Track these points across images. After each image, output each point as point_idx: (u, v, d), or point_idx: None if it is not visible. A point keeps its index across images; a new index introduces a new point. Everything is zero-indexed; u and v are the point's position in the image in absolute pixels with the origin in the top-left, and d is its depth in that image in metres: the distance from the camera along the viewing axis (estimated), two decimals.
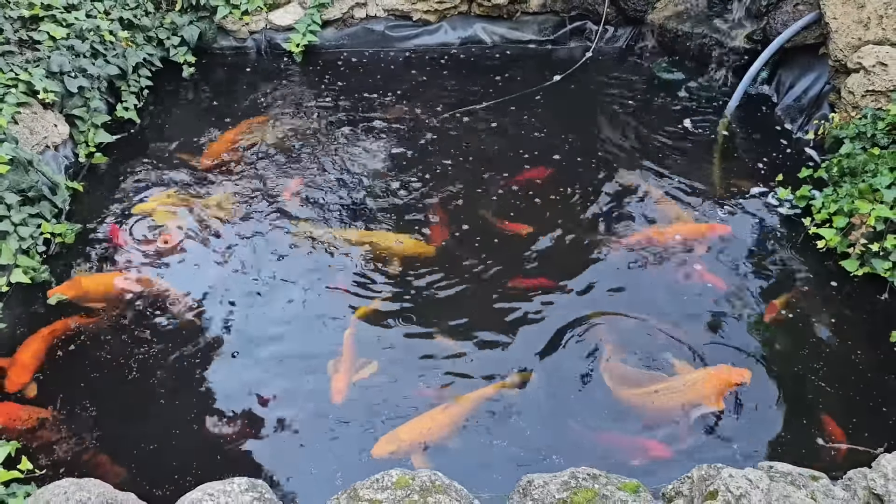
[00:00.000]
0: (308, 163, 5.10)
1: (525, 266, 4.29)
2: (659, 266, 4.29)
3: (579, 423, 3.45)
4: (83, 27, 5.10)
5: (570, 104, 5.79)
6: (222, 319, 3.96)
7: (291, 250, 4.40)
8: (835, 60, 5.10)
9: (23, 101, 4.53)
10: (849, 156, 4.53)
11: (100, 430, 3.41)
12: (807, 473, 2.62)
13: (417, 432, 3.31)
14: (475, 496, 2.58)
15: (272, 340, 3.85)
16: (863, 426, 3.43)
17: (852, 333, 3.88)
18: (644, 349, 3.78)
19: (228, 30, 6.28)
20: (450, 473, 2.56)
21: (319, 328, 3.92)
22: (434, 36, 6.55)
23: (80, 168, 4.96)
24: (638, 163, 5.12)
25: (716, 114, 5.63)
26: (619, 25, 6.53)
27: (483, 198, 4.80)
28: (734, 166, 5.13)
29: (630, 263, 4.32)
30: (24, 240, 4.09)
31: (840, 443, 3.36)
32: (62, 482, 2.62)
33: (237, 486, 2.48)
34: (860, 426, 3.42)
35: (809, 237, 4.40)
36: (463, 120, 5.56)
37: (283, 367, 3.72)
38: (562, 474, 2.60)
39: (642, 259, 4.34)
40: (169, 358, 3.75)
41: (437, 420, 3.39)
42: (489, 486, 3.07)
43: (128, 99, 5.44)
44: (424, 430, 3.33)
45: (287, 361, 3.75)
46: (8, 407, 3.44)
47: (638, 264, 4.31)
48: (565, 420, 3.48)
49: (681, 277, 4.22)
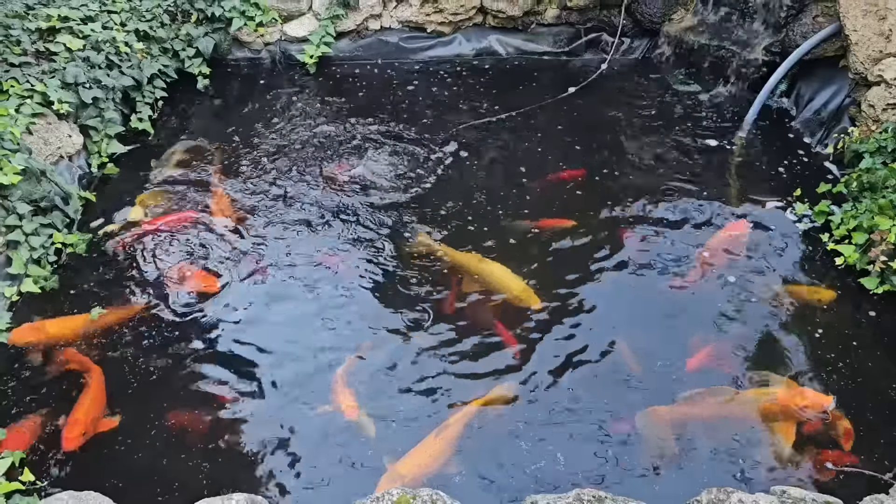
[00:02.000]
0: (321, 172, 5.09)
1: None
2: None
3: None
4: (99, 39, 5.14)
5: (585, 116, 5.74)
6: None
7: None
8: (855, 73, 5.01)
9: (38, 112, 4.56)
10: (869, 170, 4.44)
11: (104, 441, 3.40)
12: (820, 500, 2.54)
13: (416, 466, 3.22)
14: None
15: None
16: (877, 448, 3.32)
17: (871, 352, 3.77)
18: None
19: (243, 41, 6.31)
20: (453, 492, 2.51)
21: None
22: (448, 47, 6.54)
23: (92, 178, 4.98)
24: (653, 175, 5.05)
25: (733, 126, 5.54)
26: (635, 37, 6.48)
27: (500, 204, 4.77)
28: (751, 179, 5.05)
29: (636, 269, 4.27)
30: (36, 249, 4.11)
31: (849, 466, 3.25)
32: (62, 495, 2.61)
33: (235, 502, 2.45)
34: (874, 448, 3.32)
35: (828, 253, 4.31)
36: (476, 132, 5.53)
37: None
38: (567, 496, 2.54)
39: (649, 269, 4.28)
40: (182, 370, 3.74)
41: (435, 448, 3.31)
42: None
43: (142, 110, 5.47)
44: (422, 463, 3.24)
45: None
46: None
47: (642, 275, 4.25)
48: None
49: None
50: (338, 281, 4.22)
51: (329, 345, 3.85)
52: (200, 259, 4.37)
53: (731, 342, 3.83)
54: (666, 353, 3.77)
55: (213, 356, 3.80)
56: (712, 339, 3.85)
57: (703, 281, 4.19)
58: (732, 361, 3.73)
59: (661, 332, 3.91)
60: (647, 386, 3.61)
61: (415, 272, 4.26)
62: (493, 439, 3.39)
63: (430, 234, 4.47)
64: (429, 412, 3.50)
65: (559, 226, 4.59)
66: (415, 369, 3.72)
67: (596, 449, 3.34)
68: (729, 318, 3.98)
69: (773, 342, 3.86)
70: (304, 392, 3.61)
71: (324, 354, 3.80)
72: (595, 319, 3.98)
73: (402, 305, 4.06)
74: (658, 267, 4.33)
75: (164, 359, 3.78)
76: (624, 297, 4.13)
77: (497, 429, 3.44)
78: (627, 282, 4.23)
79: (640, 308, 4.07)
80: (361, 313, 4.03)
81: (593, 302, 4.08)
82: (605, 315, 4.01)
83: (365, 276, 4.26)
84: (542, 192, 4.93)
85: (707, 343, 3.82)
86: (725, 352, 3.78)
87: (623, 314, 4.02)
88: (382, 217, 4.68)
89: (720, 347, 3.80)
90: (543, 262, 4.36)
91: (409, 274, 4.25)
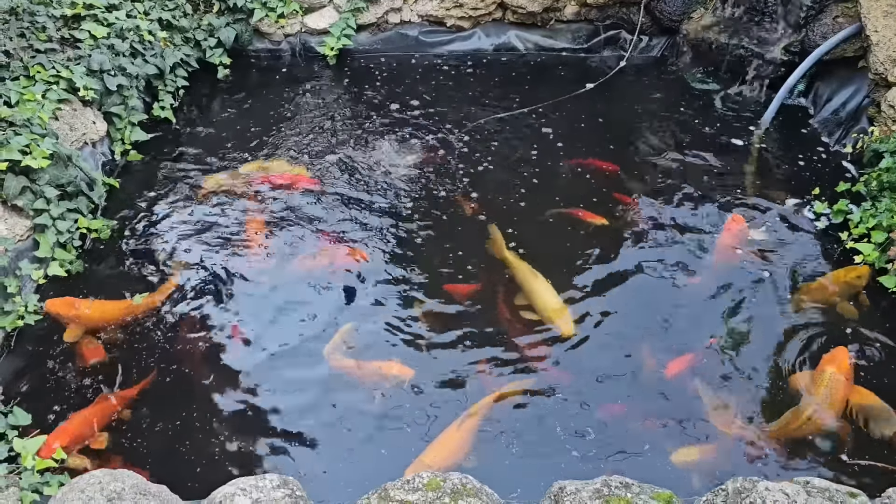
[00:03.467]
0: (340, 166, 5.12)
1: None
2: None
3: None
4: (123, 27, 5.18)
5: (602, 113, 5.76)
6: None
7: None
8: (875, 73, 5.03)
9: (63, 98, 4.61)
10: (889, 170, 4.45)
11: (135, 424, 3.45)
12: (844, 490, 2.57)
13: (442, 457, 3.28)
14: (505, 501, 2.56)
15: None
16: None
17: (890, 350, 3.80)
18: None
19: (264, 32, 6.35)
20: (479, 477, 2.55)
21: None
22: (467, 42, 6.57)
23: (115, 165, 5.03)
24: (669, 174, 5.07)
25: (751, 125, 5.57)
26: (654, 35, 6.50)
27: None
28: (769, 178, 5.07)
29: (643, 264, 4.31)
30: (62, 234, 4.16)
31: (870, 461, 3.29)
32: (96, 472, 2.64)
33: (269, 483, 2.49)
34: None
35: (847, 252, 4.33)
36: (494, 127, 5.56)
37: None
38: (594, 482, 2.57)
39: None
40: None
41: (458, 438, 3.36)
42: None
43: (164, 98, 5.51)
44: (448, 454, 3.30)
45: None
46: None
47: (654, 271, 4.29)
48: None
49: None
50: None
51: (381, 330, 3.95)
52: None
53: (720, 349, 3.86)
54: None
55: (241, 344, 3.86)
56: (722, 336, 3.90)
57: (717, 282, 4.21)
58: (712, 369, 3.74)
59: (675, 331, 3.95)
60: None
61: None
62: (517, 427, 3.45)
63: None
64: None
65: (590, 220, 4.62)
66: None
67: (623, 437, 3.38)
68: (745, 316, 4.01)
69: (790, 338, 3.89)
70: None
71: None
72: (612, 319, 4.02)
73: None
74: (673, 267, 4.36)
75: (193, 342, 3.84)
76: (640, 297, 4.16)
77: (522, 416, 3.50)
78: (642, 281, 4.26)
79: (656, 307, 4.09)
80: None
81: (608, 300, 4.12)
82: (622, 313, 4.05)
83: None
84: (567, 179, 4.97)
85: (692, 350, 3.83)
86: (705, 359, 3.79)
87: (640, 313, 4.05)
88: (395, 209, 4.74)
89: (701, 355, 3.80)
90: (561, 255, 4.40)
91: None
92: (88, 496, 2.38)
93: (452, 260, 4.35)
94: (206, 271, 4.25)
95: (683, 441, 3.42)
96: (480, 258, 4.36)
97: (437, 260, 4.36)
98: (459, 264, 4.32)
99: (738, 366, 3.74)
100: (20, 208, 4.03)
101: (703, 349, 3.82)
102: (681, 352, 3.81)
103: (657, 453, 3.36)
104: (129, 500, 2.39)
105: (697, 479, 3.26)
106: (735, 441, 3.42)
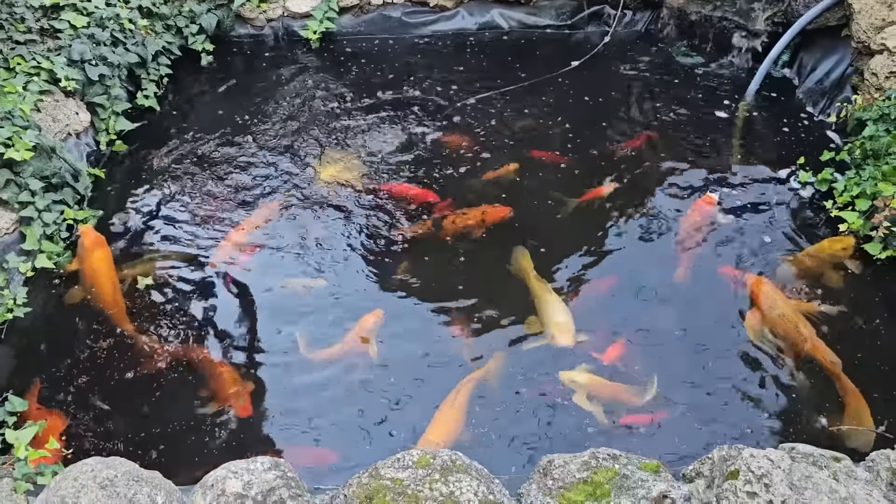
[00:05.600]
0: (328, 147, 5.11)
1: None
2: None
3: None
4: (103, 15, 5.14)
5: (587, 89, 5.75)
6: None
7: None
8: (857, 42, 5.03)
9: (45, 89, 4.58)
10: (872, 138, 4.47)
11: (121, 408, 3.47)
12: (829, 454, 2.61)
13: (444, 432, 3.33)
14: (496, 476, 2.59)
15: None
16: (881, 408, 3.40)
17: (874, 316, 3.84)
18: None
19: (246, 18, 6.30)
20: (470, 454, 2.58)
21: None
22: (451, 22, 6.53)
23: (100, 155, 5.01)
24: (655, 149, 5.08)
25: (736, 97, 5.57)
26: (638, 9, 6.48)
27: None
28: (755, 149, 5.09)
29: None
30: (48, 226, 4.15)
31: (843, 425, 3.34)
32: (89, 461, 2.66)
33: (261, 465, 2.51)
34: (878, 408, 3.40)
35: (832, 220, 4.35)
36: (478, 106, 5.55)
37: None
38: (582, 455, 2.60)
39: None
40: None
41: (454, 414, 3.41)
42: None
43: (148, 87, 5.48)
44: (449, 429, 3.35)
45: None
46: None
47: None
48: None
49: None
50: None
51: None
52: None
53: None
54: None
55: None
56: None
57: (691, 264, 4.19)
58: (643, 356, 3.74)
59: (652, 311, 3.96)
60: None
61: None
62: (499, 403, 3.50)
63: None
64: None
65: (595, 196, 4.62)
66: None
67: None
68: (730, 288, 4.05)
69: None
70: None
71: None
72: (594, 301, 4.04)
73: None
74: (659, 243, 4.38)
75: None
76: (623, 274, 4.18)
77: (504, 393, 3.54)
78: (627, 259, 4.27)
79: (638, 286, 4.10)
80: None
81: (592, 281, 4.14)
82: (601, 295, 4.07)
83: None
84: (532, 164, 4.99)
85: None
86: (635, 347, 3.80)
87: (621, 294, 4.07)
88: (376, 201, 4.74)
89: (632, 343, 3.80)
90: (548, 234, 4.42)
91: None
92: (81, 484, 2.40)
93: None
94: (195, 261, 4.27)
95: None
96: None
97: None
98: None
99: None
100: (5, 201, 4.02)
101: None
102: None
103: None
104: (122, 487, 2.41)
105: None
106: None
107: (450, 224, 4.40)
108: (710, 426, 3.38)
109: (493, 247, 4.30)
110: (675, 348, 3.73)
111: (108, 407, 3.49)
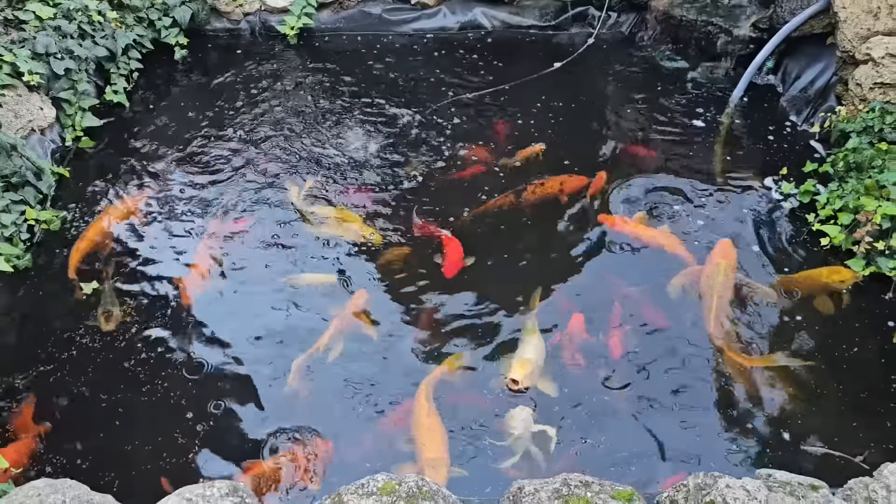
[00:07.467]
0: (304, 147, 4.98)
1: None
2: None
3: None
4: (70, 7, 4.96)
5: (569, 91, 5.65)
6: None
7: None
8: (842, 51, 4.96)
9: (7, 83, 4.41)
10: (855, 150, 4.41)
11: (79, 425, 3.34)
12: (806, 482, 2.54)
13: (439, 444, 3.26)
14: (464, 501, 2.49)
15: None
16: (860, 428, 3.35)
17: (855, 333, 3.78)
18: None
19: (221, 11, 6.13)
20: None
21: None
22: (433, 20, 6.40)
23: (66, 152, 4.84)
24: (637, 155, 4.99)
25: (719, 104, 5.49)
26: (623, 11, 6.37)
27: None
28: (737, 158, 5.00)
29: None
30: (7, 227, 4.00)
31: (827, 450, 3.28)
32: (37, 482, 2.54)
33: (217, 491, 2.40)
34: (858, 428, 3.34)
35: (814, 233, 4.29)
36: (459, 107, 5.43)
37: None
38: (553, 480, 2.52)
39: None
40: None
41: (433, 422, 3.33)
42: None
43: (117, 82, 5.31)
44: (439, 437, 3.28)
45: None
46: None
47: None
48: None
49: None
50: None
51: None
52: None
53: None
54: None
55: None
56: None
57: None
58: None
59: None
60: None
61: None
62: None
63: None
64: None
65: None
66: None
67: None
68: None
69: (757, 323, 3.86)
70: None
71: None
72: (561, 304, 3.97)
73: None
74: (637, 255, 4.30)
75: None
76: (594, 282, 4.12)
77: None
78: (602, 269, 4.20)
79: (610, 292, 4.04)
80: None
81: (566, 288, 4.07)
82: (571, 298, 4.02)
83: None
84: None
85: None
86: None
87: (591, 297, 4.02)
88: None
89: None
90: (522, 237, 4.33)
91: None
92: None
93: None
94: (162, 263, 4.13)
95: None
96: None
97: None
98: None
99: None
100: None
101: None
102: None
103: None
104: None
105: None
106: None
107: (530, 194, 4.57)
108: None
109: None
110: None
111: (69, 420, 3.36)
